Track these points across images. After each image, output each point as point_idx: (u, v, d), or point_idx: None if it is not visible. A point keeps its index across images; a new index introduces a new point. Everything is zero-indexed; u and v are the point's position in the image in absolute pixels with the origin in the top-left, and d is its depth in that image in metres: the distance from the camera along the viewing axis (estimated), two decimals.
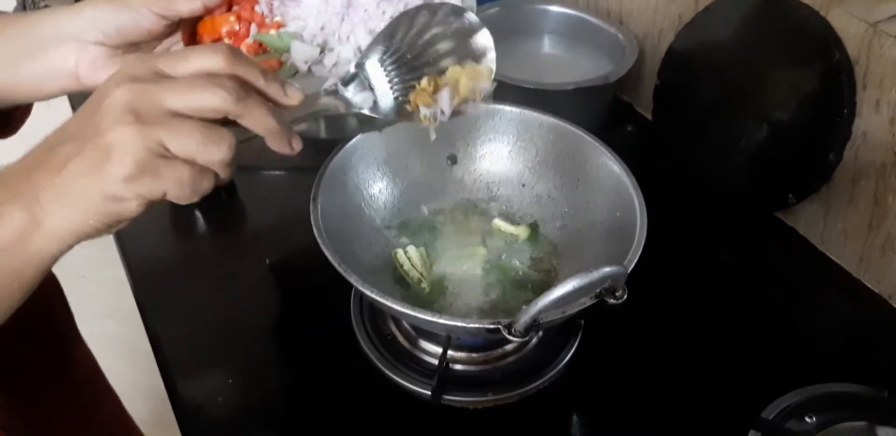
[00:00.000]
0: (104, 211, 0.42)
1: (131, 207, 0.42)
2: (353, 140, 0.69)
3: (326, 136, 0.54)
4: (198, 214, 0.91)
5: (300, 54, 0.57)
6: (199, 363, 0.73)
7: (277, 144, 0.46)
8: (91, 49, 0.54)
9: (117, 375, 1.01)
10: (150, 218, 0.91)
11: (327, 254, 0.57)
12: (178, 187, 0.42)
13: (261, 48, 0.58)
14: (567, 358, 0.70)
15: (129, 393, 1.11)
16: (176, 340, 0.74)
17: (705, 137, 0.94)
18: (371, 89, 0.54)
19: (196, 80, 0.42)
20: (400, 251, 0.71)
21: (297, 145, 0.48)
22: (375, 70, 0.54)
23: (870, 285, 0.82)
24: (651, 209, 0.64)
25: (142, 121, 0.40)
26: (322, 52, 0.57)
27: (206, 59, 0.43)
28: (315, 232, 0.60)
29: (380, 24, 0.58)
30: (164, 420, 0.69)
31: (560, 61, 1.04)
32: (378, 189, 0.74)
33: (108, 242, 0.86)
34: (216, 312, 0.78)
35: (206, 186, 0.43)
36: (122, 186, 0.40)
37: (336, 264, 0.56)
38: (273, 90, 0.46)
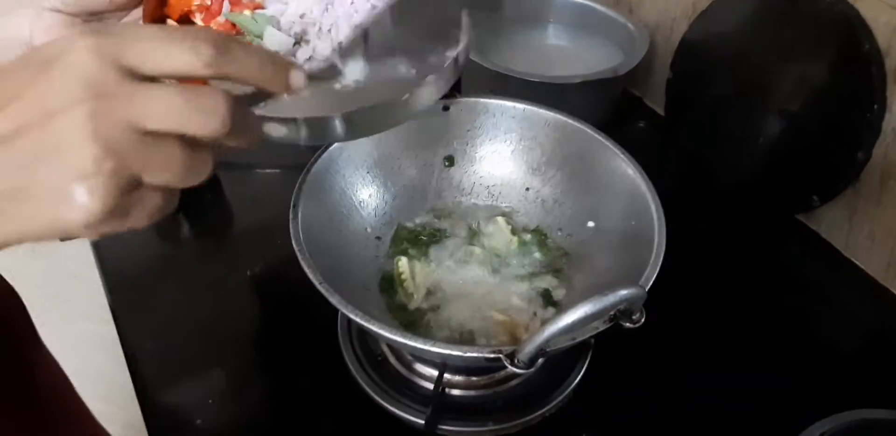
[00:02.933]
0: (46, 235, 0.34)
1: (83, 235, 0.34)
2: None
3: (307, 142, 0.48)
4: (180, 215, 0.86)
5: (272, 43, 0.50)
6: (177, 382, 0.68)
7: (278, 86, 0.38)
8: (47, 16, 0.48)
9: (107, 378, 0.97)
10: None
11: (307, 271, 0.52)
12: (149, 218, 0.34)
13: (234, 29, 0.52)
14: (575, 382, 0.65)
15: (119, 399, 1.06)
16: (153, 355, 0.70)
17: (721, 134, 0.89)
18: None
19: (182, 96, 0.33)
20: (403, 259, 0.67)
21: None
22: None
23: None
24: (664, 212, 0.59)
25: (111, 151, 0.32)
26: (297, 43, 0.51)
27: (186, 56, 0.34)
28: (294, 245, 0.54)
29: (367, 20, 0.52)
30: None
31: (566, 53, 1.00)
32: (368, 194, 0.69)
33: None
34: (196, 325, 0.73)
35: (174, 205, 0.36)
36: (82, 230, 0.33)
37: (317, 283, 0.51)
38: (275, 85, 0.37)
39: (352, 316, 0.50)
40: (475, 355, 0.48)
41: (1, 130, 0.32)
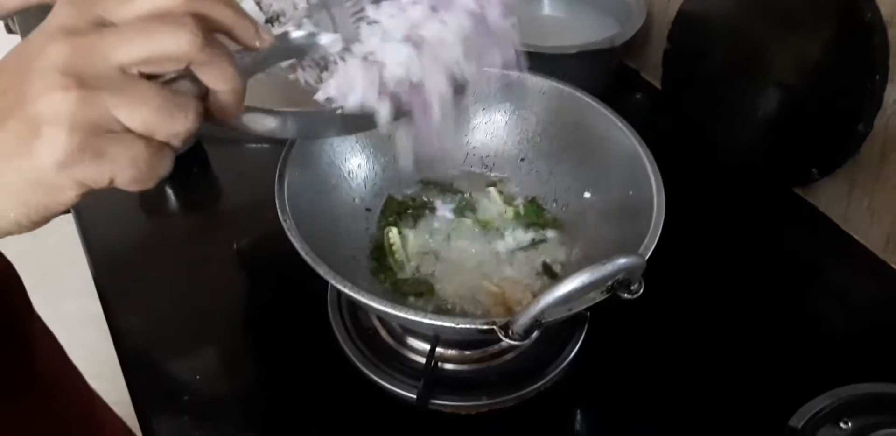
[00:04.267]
0: (31, 202, 0.33)
1: (67, 198, 0.34)
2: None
3: (296, 135, 0.46)
4: (168, 190, 0.85)
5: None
6: (164, 358, 0.67)
7: (235, 103, 0.36)
8: None
9: (97, 355, 0.97)
10: (115, 194, 0.85)
11: (293, 241, 0.50)
12: (132, 170, 0.33)
13: None
14: (571, 355, 0.63)
15: (110, 376, 1.05)
16: (139, 331, 0.68)
17: (719, 107, 0.87)
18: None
19: (148, 23, 0.33)
20: (394, 230, 0.65)
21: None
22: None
23: None
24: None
25: (84, 85, 0.31)
26: (270, 22, 0.48)
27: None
28: (280, 215, 0.53)
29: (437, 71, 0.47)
30: None
31: (561, 23, 0.98)
32: (357, 165, 0.67)
33: None
34: (183, 301, 0.71)
35: (166, 166, 0.35)
36: (56, 171, 0.32)
37: (304, 253, 0.49)
38: (243, 30, 0.36)
39: (339, 287, 0.48)
40: (468, 326, 0.47)
41: None
